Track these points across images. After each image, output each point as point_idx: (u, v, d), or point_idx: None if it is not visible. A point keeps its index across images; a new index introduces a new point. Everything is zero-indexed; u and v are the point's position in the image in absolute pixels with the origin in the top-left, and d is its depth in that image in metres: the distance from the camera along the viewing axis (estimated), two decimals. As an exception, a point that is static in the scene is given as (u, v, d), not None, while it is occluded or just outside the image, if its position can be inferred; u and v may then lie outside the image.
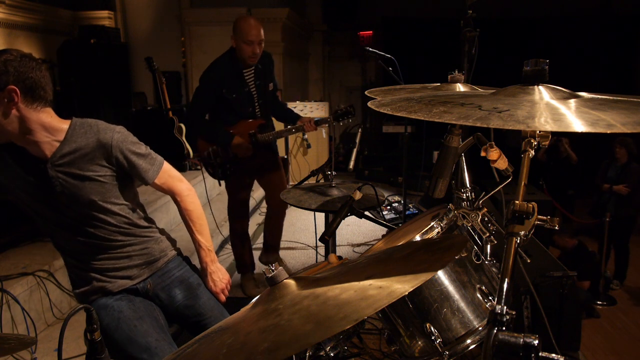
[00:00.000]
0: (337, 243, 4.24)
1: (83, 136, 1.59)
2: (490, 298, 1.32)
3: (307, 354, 1.28)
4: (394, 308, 1.37)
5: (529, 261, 1.37)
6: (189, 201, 1.80)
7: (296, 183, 2.92)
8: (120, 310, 1.65)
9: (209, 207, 5.13)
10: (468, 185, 1.61)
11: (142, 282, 1.76)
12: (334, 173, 2.50)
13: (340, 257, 1.56)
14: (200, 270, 1.87)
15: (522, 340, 0.77)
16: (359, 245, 4.43)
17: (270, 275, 1.06)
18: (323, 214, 2.66)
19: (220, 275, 1.83)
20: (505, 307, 0.81)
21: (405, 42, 8.06)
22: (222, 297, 1.84)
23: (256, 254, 3.68)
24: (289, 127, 3.24)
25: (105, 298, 1.69)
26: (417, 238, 1.40)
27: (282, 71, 6.80)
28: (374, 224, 2.12)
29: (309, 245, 4.31)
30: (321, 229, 2.82)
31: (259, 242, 4.50)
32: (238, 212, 3.46)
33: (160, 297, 1.79)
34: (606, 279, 4.66)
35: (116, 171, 1.65)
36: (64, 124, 1.58)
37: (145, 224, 1.78)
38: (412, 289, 0.89)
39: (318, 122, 3.10)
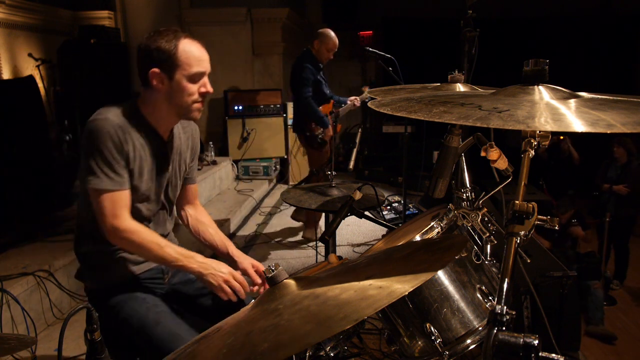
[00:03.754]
0: (337, 243, 4.23)
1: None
2: (490, 298, 1.32)
3: (307, 354, 1.28)
4: (394, 308, 1.37)
5: (529, 261, 1.37)
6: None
7: (296, 183, 2.93)
8: (155, 304, 1.61)
9: (209, 207, 5.13)
10: (468, 185, 1.61)
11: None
12: (334, 173, 2.50)
13: (340, 257, 1.56)
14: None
15: (522, 340, 0.77)
16: (359, 245, 4.43)
17: (270, 275, 1.06)
18: (323, 214, 2.67)
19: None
20: (505, 307, 0.81)
21: (405, 42, 8.06)
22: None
23: (258, 252, 3.67)
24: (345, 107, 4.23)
25: (130, 293, 1.61)
26: (417, 238, 1.40)
27: (282, 71, 6.80)
28: (374, 224, 2.12)
29: (309, 245, 4.30)
30: (321, 229, 2.82)
31: (259, 242, 4.51)
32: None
33: (181, 290, 1.78)
34: (606, 279, 4.66)
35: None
36: None
37: None
38: (412, 289, 0.89)
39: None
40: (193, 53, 1.56)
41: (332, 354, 1.29)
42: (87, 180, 1.50)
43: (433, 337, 1.28)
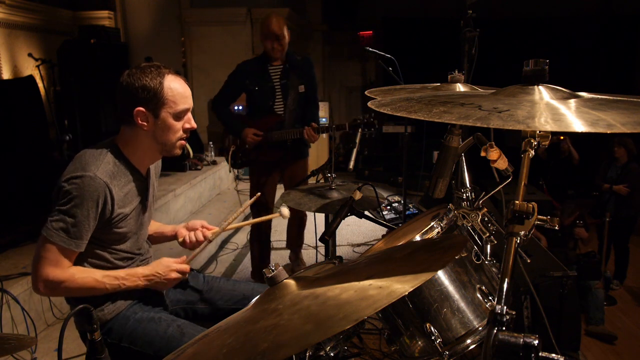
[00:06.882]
0: (337, 243, 4.23)
1: None
2: (490, 298, 1.32)
3: (307, 354, 1.28)
4: (394, 308, 1.37)
5: (529, 261, 1.37)
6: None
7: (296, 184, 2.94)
8: (171, 318, 1.61)
9: (209, 207, 5.13)
10: (468, 185, 1.61)
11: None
12: (334, 176, 2.49)
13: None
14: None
15: (522, 340, 0.77)
16: (359, 245, 4.43)
17: (270, 275, 1.06)
18: (323, 214, 2.66)
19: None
20: (505, 307, 0.81)
21: (405, 42, 8.06)
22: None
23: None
24: (293, 130, 3.17)
25: (141, 315, 1.60)
26: (417, 238, 1.40)
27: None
28: (374, 224, 2.12)
29: (309, 245, 4.30)
30: (321, 229, 2.82)
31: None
32: (256, 210, 3.39)
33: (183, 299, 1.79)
34: (606, 279, 4.66)
35: None
36: None
37: None
38: (412, 289, 0.89)
39: (318, 130, 3.05)
40: (178, 90, 1.52)
41: (332, 354, 1.29)
42: (47, 230, 1.42)
43: (433, 337, 1.28)
